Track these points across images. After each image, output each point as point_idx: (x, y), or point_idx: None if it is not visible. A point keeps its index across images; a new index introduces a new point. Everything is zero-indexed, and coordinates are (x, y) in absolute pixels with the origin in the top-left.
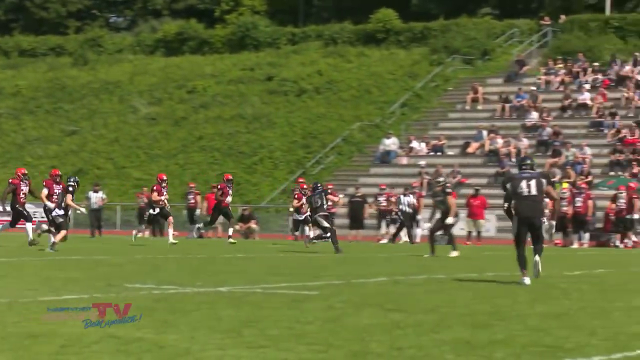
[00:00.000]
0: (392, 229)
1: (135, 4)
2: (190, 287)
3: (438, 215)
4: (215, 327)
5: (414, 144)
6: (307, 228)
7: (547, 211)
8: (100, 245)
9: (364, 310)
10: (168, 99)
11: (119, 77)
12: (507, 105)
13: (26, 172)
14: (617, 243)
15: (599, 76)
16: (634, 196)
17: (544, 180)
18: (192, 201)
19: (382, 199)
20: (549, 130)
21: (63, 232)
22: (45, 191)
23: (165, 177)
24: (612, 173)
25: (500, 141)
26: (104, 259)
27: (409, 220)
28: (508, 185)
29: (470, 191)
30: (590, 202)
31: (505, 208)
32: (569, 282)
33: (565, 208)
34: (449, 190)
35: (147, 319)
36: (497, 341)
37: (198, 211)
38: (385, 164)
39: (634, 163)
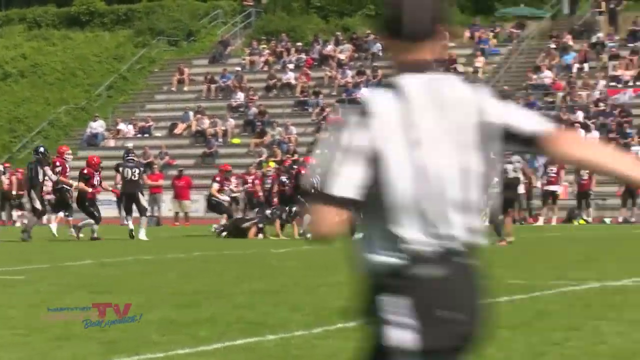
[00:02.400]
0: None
1: None
2: None
3: None
4: None
5: (121, 126)
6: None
7: None
8: None
9: (69, 293)
10: None
11: None
12: (213, 86)
13: None
14: None
15: (303, 56)
16: None
17: None
18: None
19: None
20: (254, 110)
21: None
22: None
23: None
24: (318, 151)
25: (206, 122)
26: None
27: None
28: None
29: (176, 172)
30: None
31: None
32: (276, 259)
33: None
34: None
35: None
36: (202, 320)
37: None
38: (93, 147)
39: None
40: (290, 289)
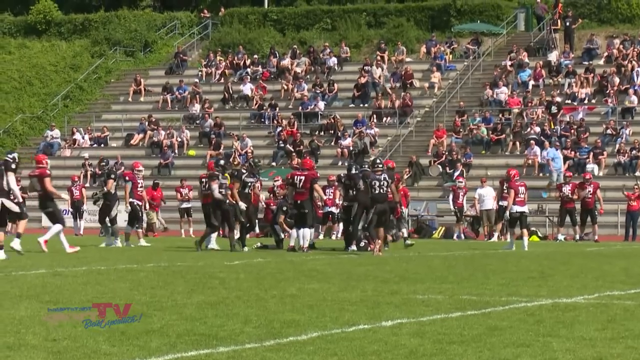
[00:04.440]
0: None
1: None
2: None
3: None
4: None
5: (77, 135)
6: None
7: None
8: None
9: (21, 302)
10: None
11: None
12: (169, 97)
13: None
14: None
15: (259, 68)
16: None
17: (388, 180)
18: None
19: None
20: (210, 121)
21: None
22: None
23: None
24: (274, 164)
25: (162, 133)
26: None
27: None
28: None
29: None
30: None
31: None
32: (227, 272)
33: None
34: None
35: None
36: (153, 331)
37: None
38: (49, 156)
39: (294, 154)
40: (239, 301)
